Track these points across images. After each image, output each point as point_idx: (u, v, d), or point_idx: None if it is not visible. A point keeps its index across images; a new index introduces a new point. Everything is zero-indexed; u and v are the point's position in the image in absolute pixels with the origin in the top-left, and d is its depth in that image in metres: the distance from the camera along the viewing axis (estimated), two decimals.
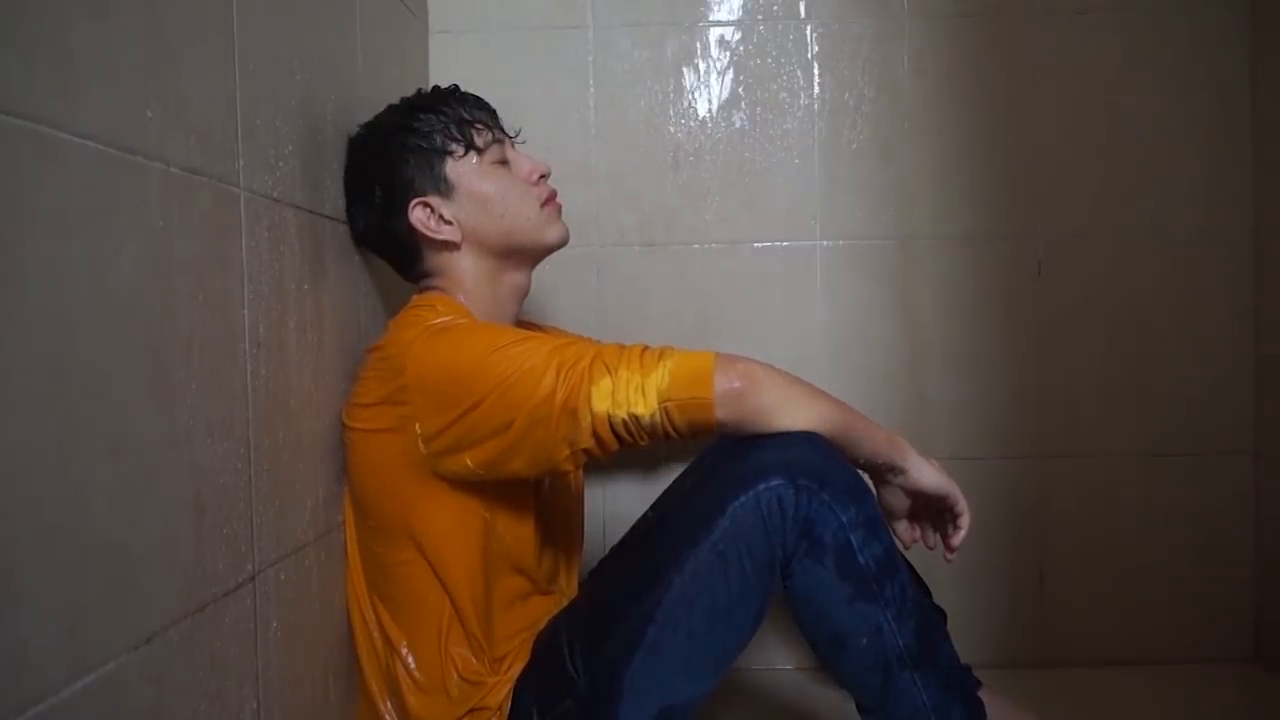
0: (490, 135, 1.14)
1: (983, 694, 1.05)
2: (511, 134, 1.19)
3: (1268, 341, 1.52)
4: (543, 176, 1.16)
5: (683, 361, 0.96)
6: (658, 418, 0.94)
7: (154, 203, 0.72)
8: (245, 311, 0.87)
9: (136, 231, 0.70)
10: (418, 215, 1.10)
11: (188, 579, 0.76)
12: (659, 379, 0.94)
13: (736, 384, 0.95)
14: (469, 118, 1.13)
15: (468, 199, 1.11)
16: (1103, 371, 1.55)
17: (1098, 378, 1.55)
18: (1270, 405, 1.51)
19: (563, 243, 1.16)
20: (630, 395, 0.93)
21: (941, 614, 1.21)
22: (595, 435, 0.95)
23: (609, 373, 0.94)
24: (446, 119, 1.12)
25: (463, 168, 1.11)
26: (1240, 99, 1.53)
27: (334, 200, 1.11)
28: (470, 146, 1.12)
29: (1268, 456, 1.52)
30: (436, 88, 1.17)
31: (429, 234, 1.10)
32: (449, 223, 1.10)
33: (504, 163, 1.14)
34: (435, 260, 1.13)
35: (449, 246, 1.11)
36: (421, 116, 1.12)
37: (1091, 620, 1.55)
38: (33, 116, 0.59)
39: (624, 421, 0.94)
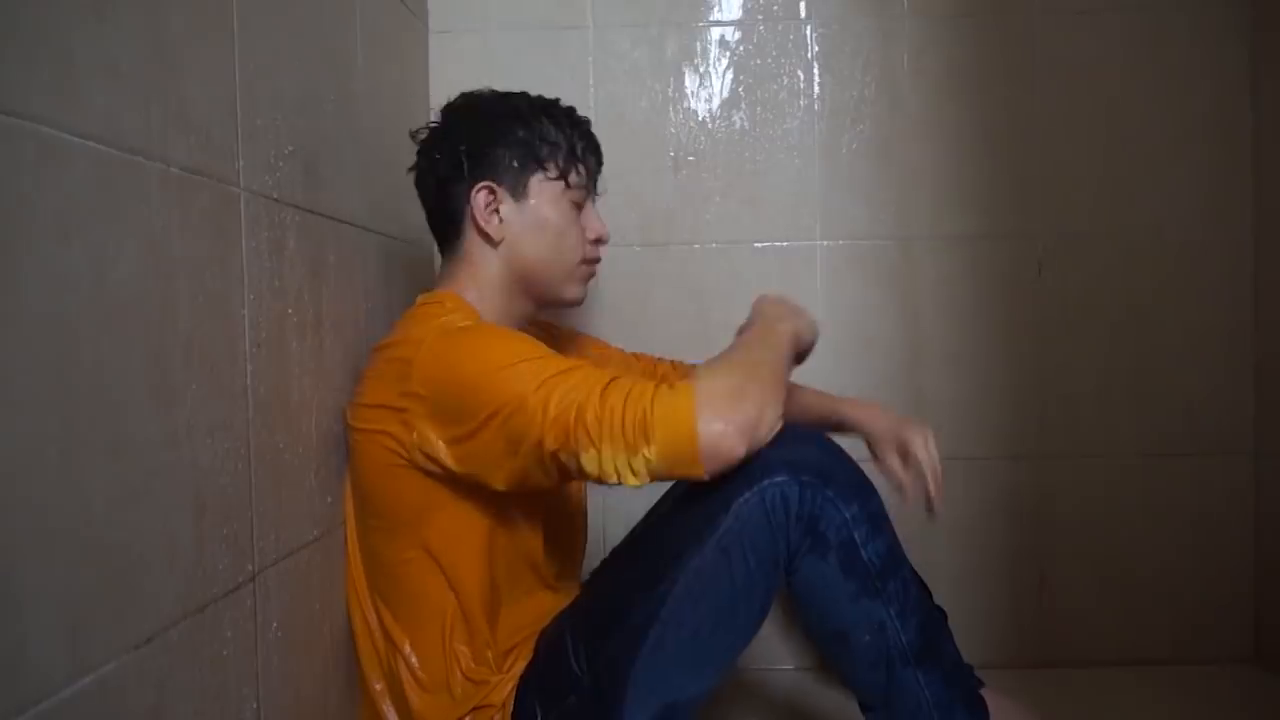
0: (583, 180, 1.15)
1: (985, 694, 1.05)
2: (600, 192, 1.21)
3: (1268, 341, 1.52)
4: (600, 241, 1.17)
5: (668, 438, 0.90)
6: (648, 482, 0.94)
7: (154, 203, 0.72)
8: (245, 312, 0.87)
9: (136, 231, 0.70)
10: (481, 196, 1.10)
11: (188, 579, 0.76)
12: (646, 458, 0.91)
13: (726, 455, 0.91)
14: (579, 155, 1.14)
15: (531, 213, 1.11)
16: (1103, 371, 1.55)
17: (1098, 378, 1.55)
18: (1270, 405, 1.51)
19: (575, 303, 1.17)
20: (619, 469, 0.92)
21: (942, 614, 1.21)
22: (585, 479, 0.95)
23: (594, 444, 0.91)
24: (564, 140, 1.13)
25: (545, 187, 1.12)
26: (1240, 99, 1.53)
27: (334, 200, 1.11)
28: (563, 176, 1.12)
29: (1268, 456, 1.52)
30: (572, 111, 1.17)
31: (479, 218, 1.10)
32: (501, 220, 1.11)
33: (578, 206, 1.15)
34: (470, 244, 1.12)
35: (489, 240, 1.12)
36: (546, 122, 1.12)
37: (1091, 620, 1.55)
38: (33, 116, 0.59)
39: (615, 483, 0.94)
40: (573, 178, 1.13)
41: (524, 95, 1.16)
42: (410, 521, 1.03)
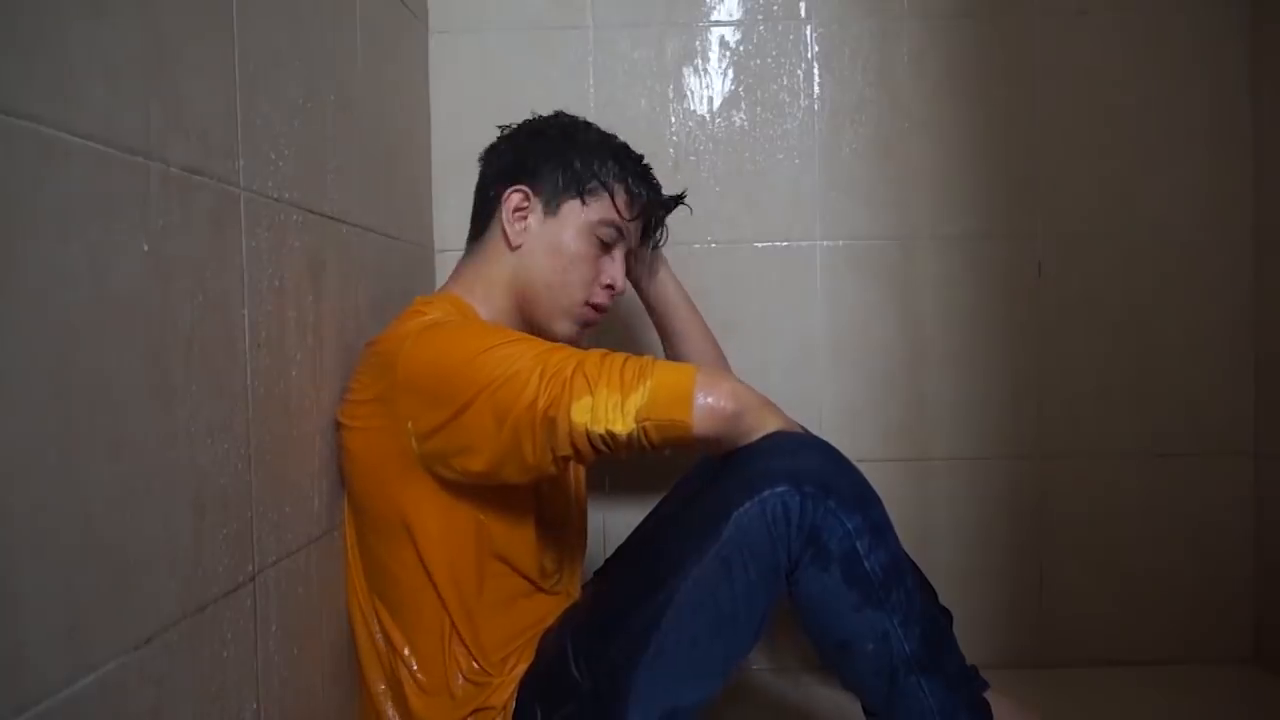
0: (622, 227, 1.16)
1: (990, 695, 1.05)
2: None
3: (1268, 341, 1.52)
4: (609, 287, 1.16)
5: (663, 381, 0.94)
6: (635, 435, 0.94)
7: (154, 203, 0.72)
8: (245, 311, 0.87)
9: (136, 231, 0.70)
10: (514, 198, 1.14)
11: (188, 579, 0.76)
12: (638, 399, 0.93)
13: (715, 407, 0.94)
14: (628, 205, 1.16)
15: (553, 233, 1.13)
16: (1103, 371, 1.55)
17: (1098, 378, 1.55)
18: (1270, 405, 1.51)
19: (565, 340, 1.15)
20: (609, 413, 0.93)
21: (947, 615, 1.21)
22: (573, 445, 0.94)
23: (589, 389, 0.93)
24: (619, 186, 1.15)
25: (577, 214, 1.14)
26: (1240, 98, 1.53)
27: (334, 200, 1.11)
28: (609, 210, 1.14)
29: (1268, 456, 1.52)
30: (646, 170, 1.20)
31: (505, 218, 1.14)
32: (526, 228, 1.14)
33: (606, 248, 1.16)
34: (491, 244, 1.15)
35: (508, 242, 1.14)
36: (610, 164, 1.15)
37: (1091, 620, 1.55)
38: (33, 116, 0.59)
39: (601, 436, 0.93)
40: (608, 217, 1.14)
41: (606, 136, 1.19)
42: (400, 522, 1.03)
